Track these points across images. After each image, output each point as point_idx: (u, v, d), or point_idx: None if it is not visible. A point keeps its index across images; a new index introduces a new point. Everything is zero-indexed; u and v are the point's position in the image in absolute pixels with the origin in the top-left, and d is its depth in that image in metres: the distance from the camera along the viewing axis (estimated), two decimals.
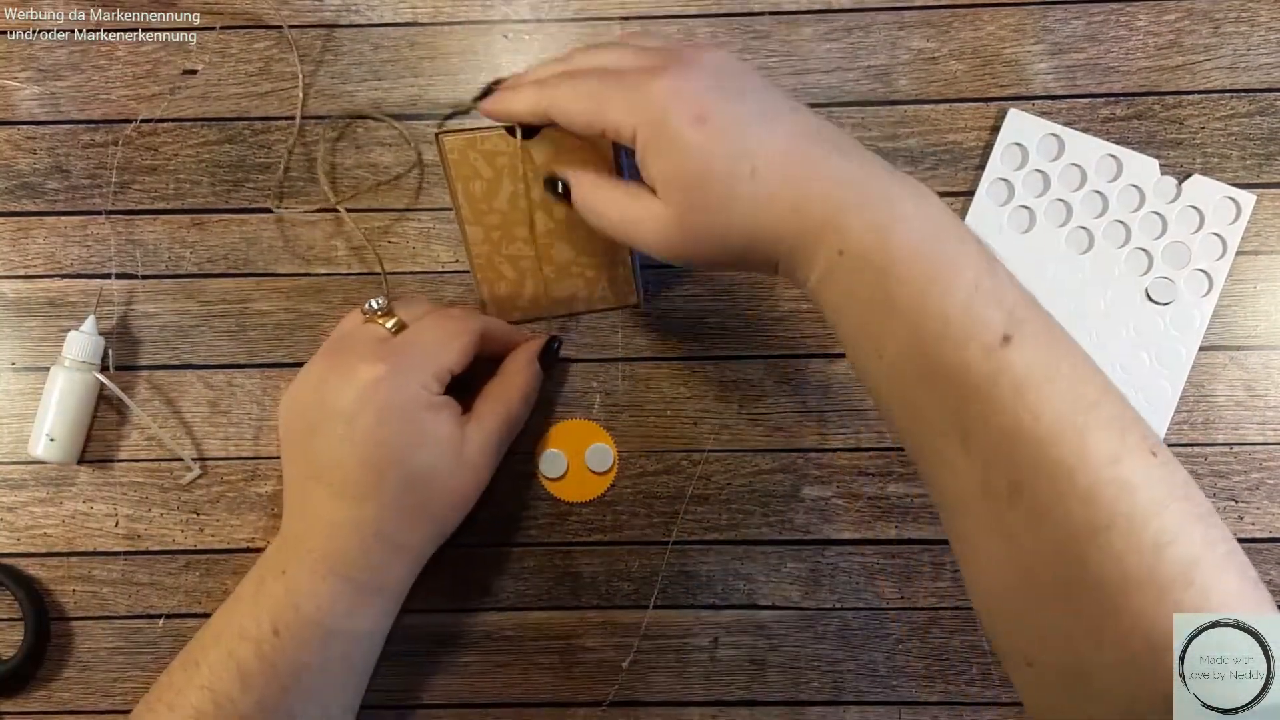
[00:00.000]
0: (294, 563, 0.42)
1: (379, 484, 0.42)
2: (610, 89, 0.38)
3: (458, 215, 0.46)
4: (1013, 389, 0.33)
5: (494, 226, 0.47)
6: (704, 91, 0.37)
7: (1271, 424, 0.52)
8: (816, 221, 0.36)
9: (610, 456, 0.52)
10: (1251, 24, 0.53)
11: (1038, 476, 0.33)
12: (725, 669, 0.52)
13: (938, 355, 0.34)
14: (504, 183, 0.45)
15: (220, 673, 0.41)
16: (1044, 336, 0.34)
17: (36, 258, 0.53)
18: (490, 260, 0.48)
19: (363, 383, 0.41)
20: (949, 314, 0.34)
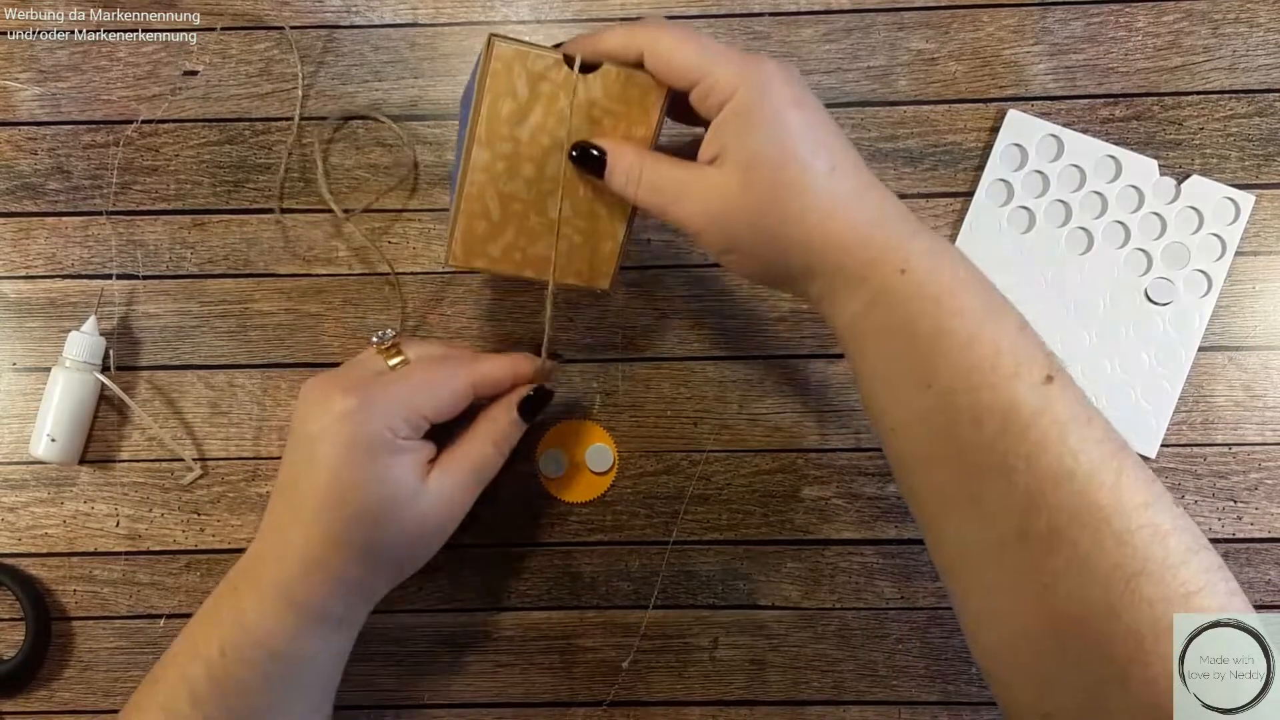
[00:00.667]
0: (246, 583, 0.42)
1: (329, 514, 0.41)
2: (720, 49, 0.38)
3: (470, 132, 0.41)
4: (1058, 428, 0.33)
5: (502, 156, 0.42)
6: (801, 91, 0.38)
7: (1270, 424, 0.52)
8: (883, 238, 0.37)
9: (610, 456, 0.52)
10: (1251, 25, 0.53)
11: (1077, 519, 0.33)
12: (725, 669, 0.52)
13: (990, 386, 0.34)
14: (535, 111, 0.41)
15: (174, 691, 0.41)
16: (1073, 383, 0.35)
17: (37, 258, 0.53)
18: (482, 193, 0.43)
19: (333, 412, 0.41)
20: (1001, 345, 0.35)
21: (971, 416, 0.35)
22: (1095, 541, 0.32)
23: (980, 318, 0.35)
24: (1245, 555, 0.51)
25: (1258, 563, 0.51)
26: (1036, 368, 0.34)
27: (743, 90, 0.37)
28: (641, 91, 0.41)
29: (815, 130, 0.38)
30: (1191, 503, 0.51)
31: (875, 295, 0.37)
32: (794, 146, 0.37)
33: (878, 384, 0.38)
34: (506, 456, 0.46)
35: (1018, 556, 0.34)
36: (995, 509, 0.35)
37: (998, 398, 0.34)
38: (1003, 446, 0.34)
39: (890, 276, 0.36)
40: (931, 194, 0.53)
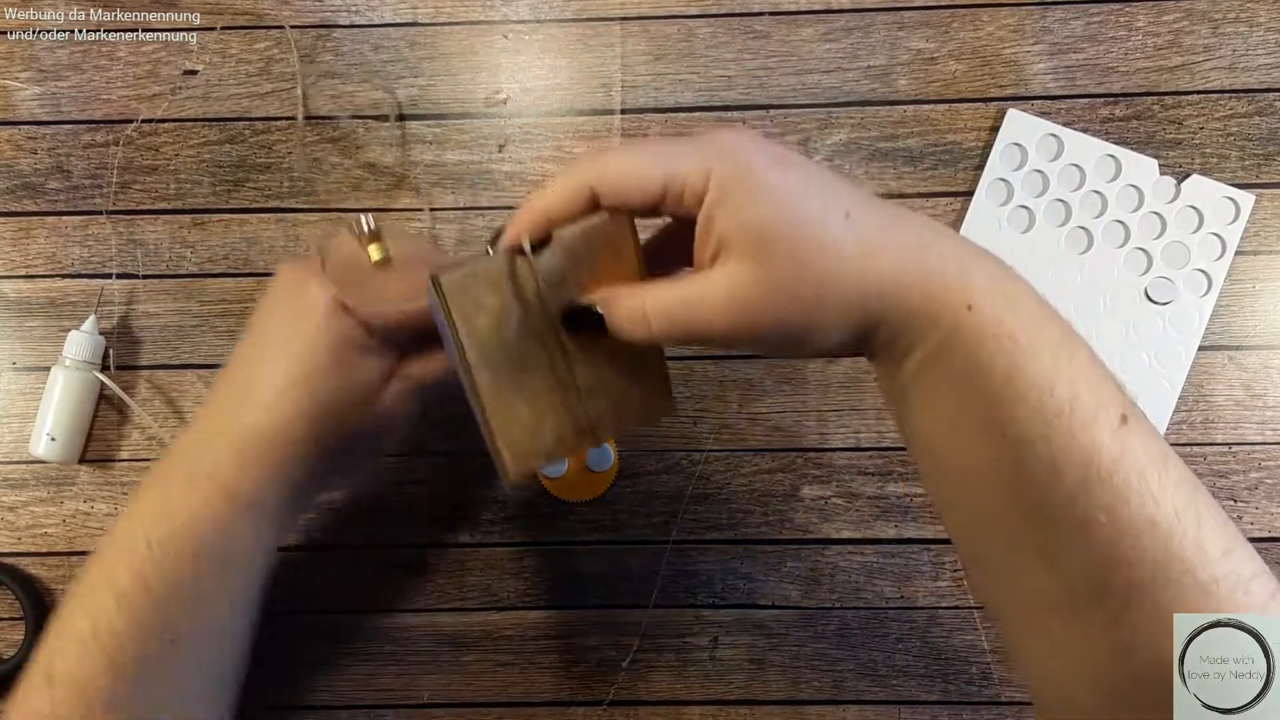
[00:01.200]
0: (173, 473, 0.40)
1: (291, 398, 0.39)
2: (672, 145, 0.34)
3: (462, 361, 0.38)
4: (1138, 475, 0.31)
5: (504, 364, 0.39)
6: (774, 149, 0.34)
7: (1270, 423, 0.52)
8: (939, 267, 0.32)
9: (610, 456, 0.52)
10: (1250, 24, 0.53)
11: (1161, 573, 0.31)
12: (725, 668, 0.52)
13: (1067, 434, 0.31)
14: (513, 307, 0.38)
15: (98, 592, 0.38)
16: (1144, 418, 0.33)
17: (37, 258, 0.53)
18: (504, 406, 0.39)
19: (311, 304, 0.40)
20: (1079, 392, 0.32)
21: (1050, 468, 0.32)
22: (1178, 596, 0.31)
23: (1056, 356, 0.32)
24: None
25: None
26: (1113, 409, 0.32)
27: (715, 176, 0.33)
28: (605, 236, 0.37)
29: (811, 181, 0.33)
30: None
31: (946, 336, 0.33)
32: (797, 206, 0.32)
33: (941, 430, 0.35)
34: None
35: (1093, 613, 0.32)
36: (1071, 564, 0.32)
37: (1077, 446, 0.31)
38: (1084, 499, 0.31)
39: (959, 314, 0.32)
40: (931, 193, 0.53)
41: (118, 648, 0.38)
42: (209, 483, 0.39)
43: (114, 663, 0.38)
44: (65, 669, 0.38)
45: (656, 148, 0.34)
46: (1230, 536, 0.31)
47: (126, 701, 0.38)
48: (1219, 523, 0.31)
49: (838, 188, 0.34)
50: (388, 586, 0.52)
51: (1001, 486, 0.33)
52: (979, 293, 0.32)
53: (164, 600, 0.38)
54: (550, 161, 0.53)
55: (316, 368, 0.40)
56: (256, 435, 0.39)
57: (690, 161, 0.33)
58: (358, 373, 0.41)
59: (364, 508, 0.53)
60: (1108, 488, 0.31)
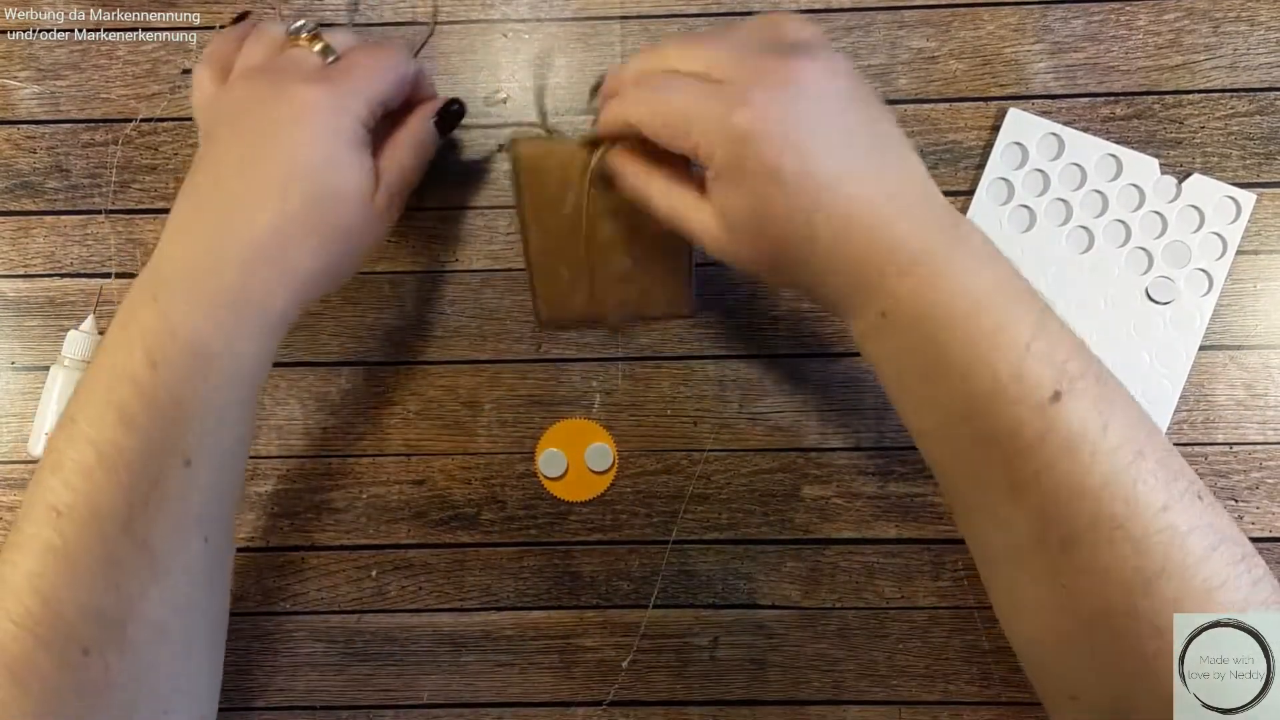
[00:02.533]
0: (166, 287, 0.38)
1: (282, 194, 0.39)
2: (697, 107, 0.37)
3: (520, 218, 0.47)
4: (1065, 446, 0.34)
5: (554, 234, 0.47)
6: (789, 129, 0.35)
7: (1271, 423, 0.52)
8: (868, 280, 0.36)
9: (610, 456, 0.52)
10: (1251, 23, 0.53)
11: (1092, 529, 0.33)
12: (725, 669, 0.52)
13: (990, 414, 0.35)
14: (571, 189, 0.45)
15: (99, 420, 0.37)
16: (1094, 390, 0.35)
17: (36, 257, 0.53)
18: (549, 262, 0.48)
19: (299, 103, 0.39)
20: (999, 375, 0.34)
21: (976, 441, 0.35)
22: (1111, 549, 0.33)
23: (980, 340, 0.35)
24: None
25: None
26: (1044, 386, 0.34)
27: (717, 156, 0.36)
28: None
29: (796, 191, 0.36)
30: None
31: (874, 322, 0.37)
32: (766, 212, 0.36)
33: (898, 395, 0.39)
34: (424, 170, 0.46)
35: (1038, 561, 0.35)
36: (1011, 520, 0.35)
37: (1000, 424, 0.35)
38: (1012, 468, 0.35)
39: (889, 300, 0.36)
40: None
41: (129, 472, 0.36)
42: (207, 294, 0.38)
43: (126, 487, 0.36)
44: (73, 500, 0.36)
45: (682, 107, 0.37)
46: (1171, 493, 0.34)
47: (145, 526, 0.37)
48: (1160, 481, 0.34)
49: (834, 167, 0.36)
50: (387, 586, 0.52)
51: (947, 450, 0.37)
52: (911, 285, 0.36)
53: (175, 419, 0.37)
54: None
55: (326, 163, 0.39)
56: (265, 233, 0.38)
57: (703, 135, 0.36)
58: (362, 162, 0.41)
59: (363, 508, 0.53)
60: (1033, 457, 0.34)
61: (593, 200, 0.45)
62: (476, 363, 0.53)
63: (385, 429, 0.53)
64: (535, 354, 0.53)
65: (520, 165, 0.45)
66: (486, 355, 0.53)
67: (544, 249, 0.47)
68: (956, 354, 0.35)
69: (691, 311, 0.50)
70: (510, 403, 0.53)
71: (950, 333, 0.35)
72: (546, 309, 0.49)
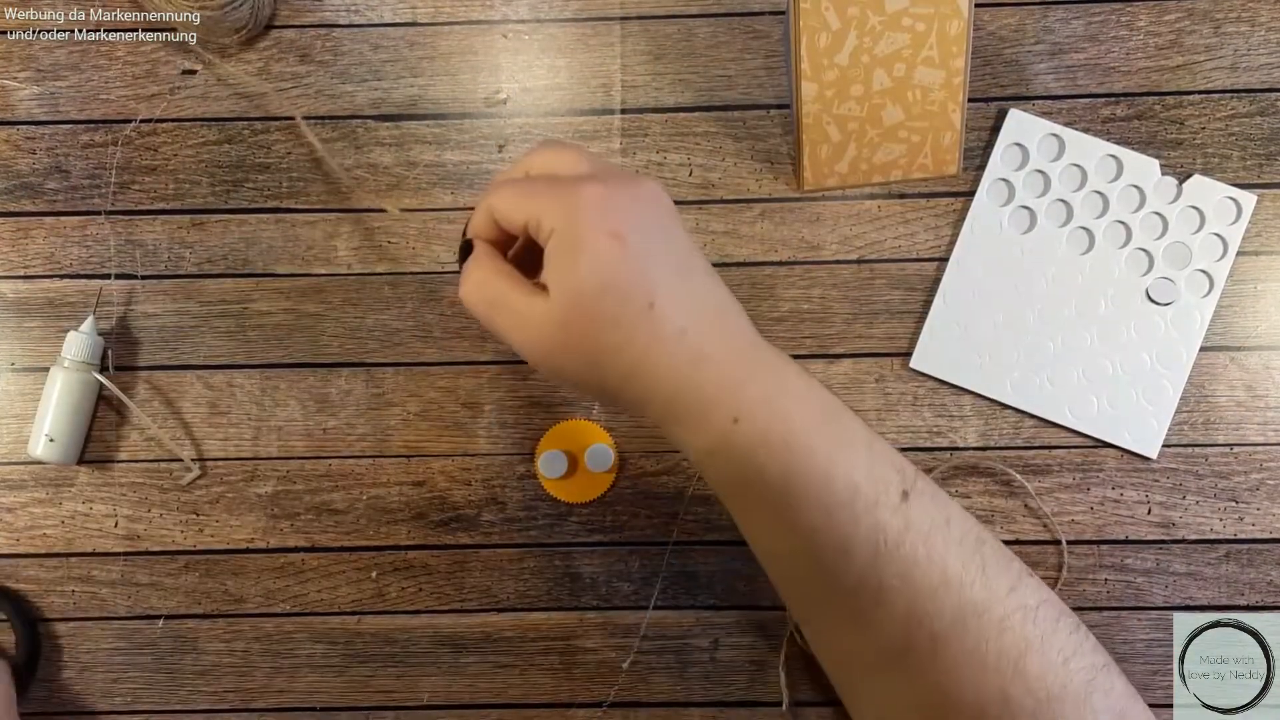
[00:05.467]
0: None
1: None
2: (544, 185, 0.37)
3: (795, 70, 0.47)
4: (923, 542, 0.35)
5: (829, 84, 0.47)
6: (629, 215, 0.36)
7: (1272, 424, 0.52)
8: (712, 386, 0.36)
9: (610, 456, 0.52)
10: (1252, 24, 0.53)
11: (959, 621, 0.34)
12: (725, 669, 0.52)
13: (852, 521, 0.35)
14: (850, 36, 0.46)
15: None
16: (927, 486, 0.36)
17: (36, 258, 0.53)
18: (818, 120, 0.48)
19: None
20: (857, 481, 0.35)
21: (840, 551, 0.35)
22: (979, 635, 0.34)
23: (831, 451, 0.35)
24: (1246, 556, 0.51)
25: (1259, 563, 0.51)
26: (893, 488, 0.35)
27: (557, 224, 0.36)
28: None
29: (633, 264, 0.35)
30: (1193, 503, 0.51)
31: (714, 444, 0.36)
32: (604, 279, 0.35)
33: (741, 521, 0.38)
34: None
35: (906, 664, 0.36)
36: (878, 627, 0.36)
37: (862, 529, 0.35)
38: (876, 572, 0.35)
39: (724, 425, 0.35)
40: (932, 194, 0.53)
41: None
42: None
43: None
44: None
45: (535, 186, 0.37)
46: (1014, 574, 0.36)
47: None
48: (1002, 563, 0.36)
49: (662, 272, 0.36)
50: (387, 588, 0.52)
51: (804, 567, 0.37)
52: (747, 408, 0.35)
53: None
54: None
55: None
56: None
57: (545, 206, 0.36)
58: None
59: (363, 509, 0.53)
60: (897, 556, 0.35)
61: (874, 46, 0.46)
62: (477, 364, 0.53)
63: (385, 430, 0.53)
64: None
65: (800, 8, 0.45)
66: (487, 356, 0.53)
67: (816, 104, 0.48)
68: (814, 463, 0.35)
69: (959, 171, 0.50)
70: (510, 404, 0.53)
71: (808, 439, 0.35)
72: (811, 172, 0.49)
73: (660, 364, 0.36)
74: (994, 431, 0.52)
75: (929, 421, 0.52)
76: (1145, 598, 0.50)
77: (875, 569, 0.35)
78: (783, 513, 0.36)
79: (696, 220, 0.53)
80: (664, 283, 0.36)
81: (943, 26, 0.48)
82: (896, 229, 0.53)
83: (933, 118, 0.50)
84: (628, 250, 0.35)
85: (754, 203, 0.53)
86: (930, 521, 0.35)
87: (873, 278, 0.53)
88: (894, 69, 0.48)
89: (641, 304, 0.35)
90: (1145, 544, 0.51)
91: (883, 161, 0.50)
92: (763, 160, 0.53)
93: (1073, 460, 0.52)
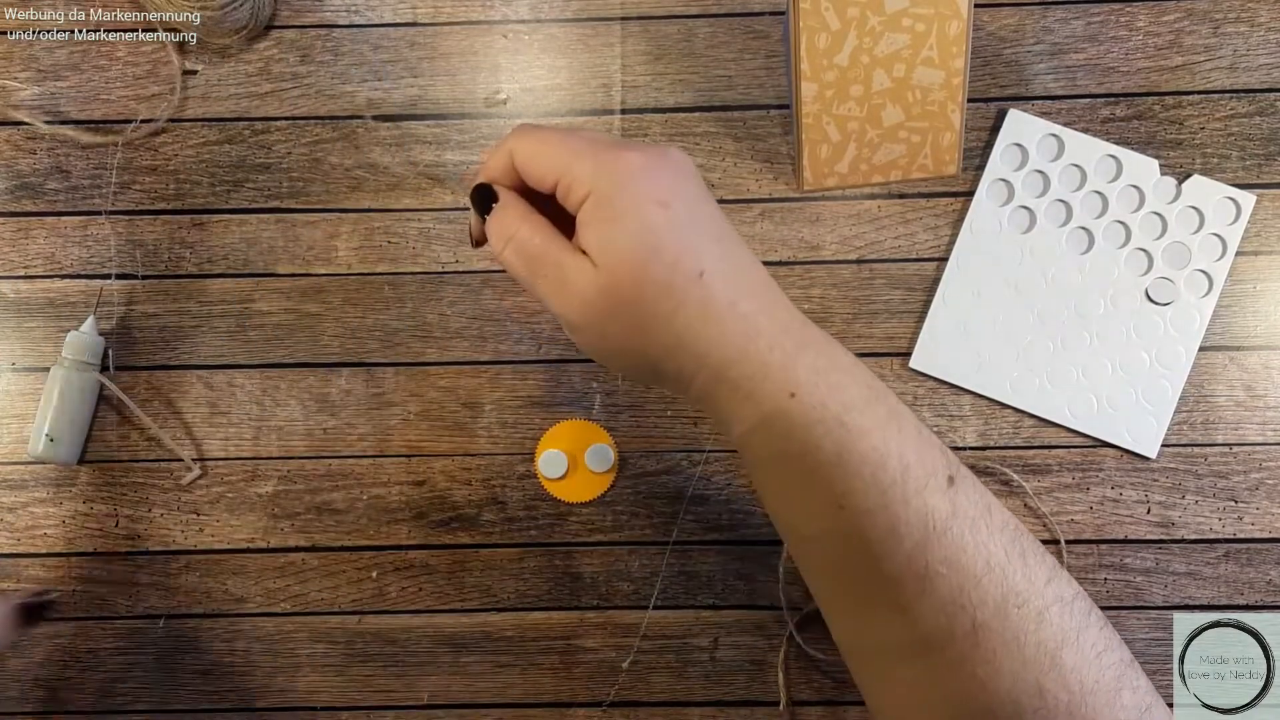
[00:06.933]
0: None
1: None
2: (583, 144, 0.35)
3: (794, 71, 0.47)
4: (969, 527, 0.34)
5: (829, 84, 0.48)
6: (673, 183, 0.35)
7: (1271, 424, 0.52)
8: (766, 360, 0.34)
9: (610, 456, 0.52)
10: (1251, 24, 0.53)
11: (1001, 610, 0.34)
12: (725, 669, 0.52)
13: (902, 502, 0.34)
14: (849, 36, 0.47)
15: None
16: (967, 472, 0.36)
17: (36, 258, 0.53)
18: (818, 120, 0.49)
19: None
20: (908, 461, 0.34)
21: (889, 531, 0.34)
22: (1020, 626, 0.34)
23: (885, 432, 0.35)
24: (1246, 555, 0.51)
25: (1259, 563, 0.51)
26: (940, 472, 0.35)
27: (599, 186, 0.34)
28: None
29: (683, 229, 0.34)
30: (1192, 503, 0.51)
31: (766, 417, 0.35)
32: (653, 244, 0.34)
33: (781, 502, 0.37)
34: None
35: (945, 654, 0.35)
36: (920, 612, 0.35)
37: (913, 510, 0.34)
38: (923, 555, 0.34)
39: (780, 399, 0.34)
40: (932, 194, 0.53)
41: None
42: None
43: None
44: None
45: (570, 139, 0.36)
46: (1050, 566, 0.35)
47: None
48: (1039, 555, 0.35)
49: (703, 246, 0.35)
50: (388, 587, 0.52)
51: (844, 549, 0.36)
52: (803, 381, 0.35)
53: None
54: None
55: None
56: None
57: (584, 166, 0.35)
58: None
59: (364, 509, 0.53)
60: (945, 541, 0.34)
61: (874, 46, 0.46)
62: (477, 364, 0.53)
63: (385, 430, 0.53)
64: (535, 355, 0.53)
65: (800, 9, 0.46)
66: (487, 356, 0.53)
67: (815, 105, 0.48)
68: (869, 440, 0.34)
69: (959, 172, 0.50)
70: (511, 403, 0.53)
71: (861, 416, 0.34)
72: (811, 173, 0.50)
73: (711, 334, 0.34)
74: (993, 431, 0.52)
75: (929, 421, 0.52)
76: (1145, 597, 0.50)
77: (923, 552, 0.34)
78: (831, 490, 0.35)
79: None
80: (711, 252, 0.35)
81: (942, 27, 0.48)
82: (896, 229, 0.53)
83: (932, 118, 0.50)
84: (675, 218, 0.34)
85: (754, 203, 0.53)
86: (975, 507, 0.35)
87: (872, 278, 0.53)
88: (894, 69, 0.48)
89: (691, 272, 0.34)
90: (1145, 543, 0.51)
91: (882, 162, 0.50)
92: (763, 160, 0.53)
93: (1072, 460, 0.52)
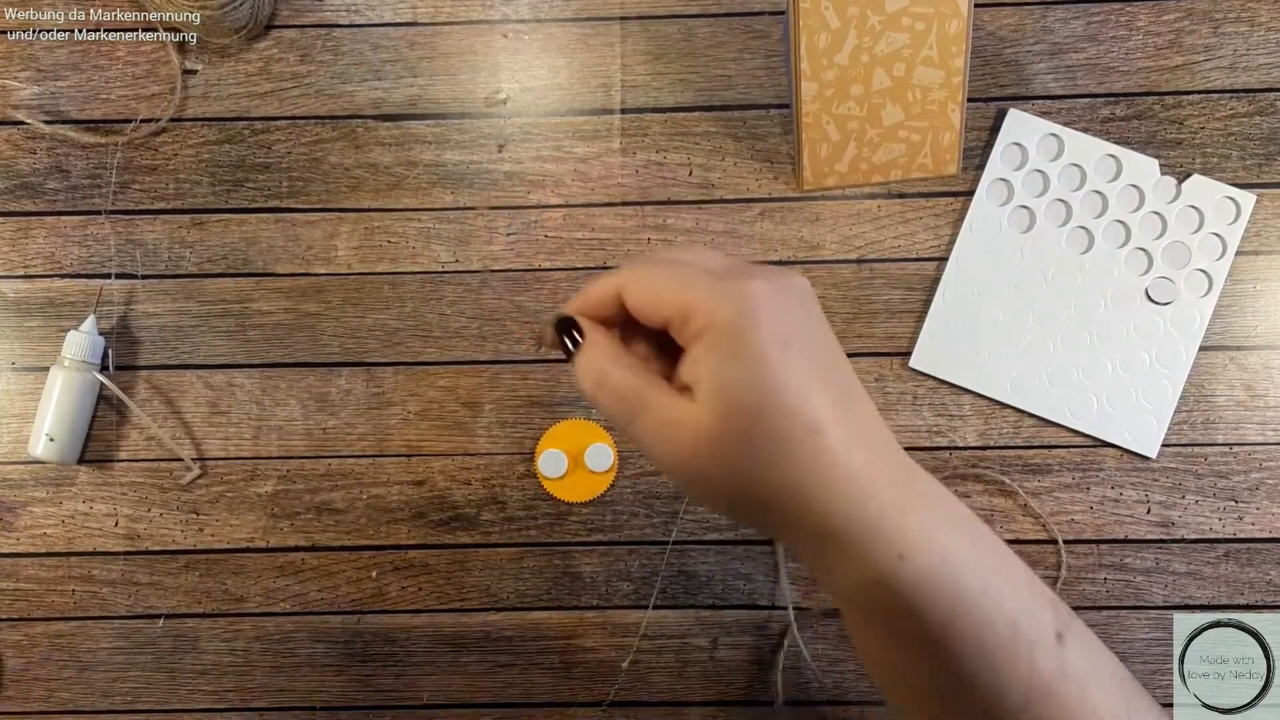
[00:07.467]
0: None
1: None
2: (700, 275, 0.34)
3: (794, 70, 0.48)
4: (1078, 688, 0.33)
5: (829, 84, 0.48)
6: (795, 319, 0.34)
7: (1271, 424, 0.52)
8: (876, 520, 0.33)
9: (610, 456, 0.52)
10: (1251, 24, 0.53)
11: None
12: (725, 669, 0.52)
13: (1011, 661, 0.33)
14: (849, 36, 0.47)
15: None
16: (1079, 627, 0.35)
17: (36, 258, 0.53)
18: (818, 120, 0.49)
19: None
20: (1016, 620, 0.33)
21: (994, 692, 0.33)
22: None
23: (993, 593, 0.33)
24: (1246, 555, 0.51)
25: (1259, 562, 0.51)
26: (1049, 628, 0.34)
27: (718, 319, 0.32)
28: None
29: (803, 375, 0.33)
30: (1192, 503, 0.51)
31: (872, 580, 0.34)
32: (776, 391, 0.32)
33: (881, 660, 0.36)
34: None
35: None
36: None
37: (1018, 670, 0.33)
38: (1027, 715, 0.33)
39: (888, 561, 0.33)
40: (932, 194, 0.53)
41: None
42: None
43: None
44: None
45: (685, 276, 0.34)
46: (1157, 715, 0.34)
47: None
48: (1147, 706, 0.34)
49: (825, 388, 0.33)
50: (387, 587, 0.52)
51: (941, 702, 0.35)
52: (913, 542, 0.33)
53: None
54: (550, 161, 0.53)
55: None
56: None
57: (703, 294, 0.33)
58: None
59: (363, 508, 0.53)
60: (1051, 705, 0.33)
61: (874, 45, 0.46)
62: (476, 363, 0.53)
63: (385, 430, 0.53)
64: (535, 355, 0.53)
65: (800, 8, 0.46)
66: (486, 356, 0.53)
67: (815, 104, 0.48)
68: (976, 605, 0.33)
69: (959, 171, 0.51)
70: (510, 403, 0.53)
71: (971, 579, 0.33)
72: (811, 172, 0.50)
73: (819, 493, 0.33)
74: (993, 431, 0.52)
75: (929, 421, 0.52)
76: (1145, 597, 0.50)
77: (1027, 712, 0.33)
78: (938, 649, 0.34)
79: (696, 220, 0.53)
80: (829, 403, 0.33)
81: (942, 26, 0.48)
82: (896, 229, 0.53)
83: (932, 117, 0.50)
84: (795, 361, 0.33)
85: (754, 202, 0.53)
86: (1086, 666, 0.34)
87: (872, 277, 0.53)
88: (894, 69, 0.48)
89: (809, 425, 0.33)
90: (1145, 543, 0.51)
91: (882, 161, 0.50)
92: (763, 160, 0.53)
93: (1072, 460, 0.52)
